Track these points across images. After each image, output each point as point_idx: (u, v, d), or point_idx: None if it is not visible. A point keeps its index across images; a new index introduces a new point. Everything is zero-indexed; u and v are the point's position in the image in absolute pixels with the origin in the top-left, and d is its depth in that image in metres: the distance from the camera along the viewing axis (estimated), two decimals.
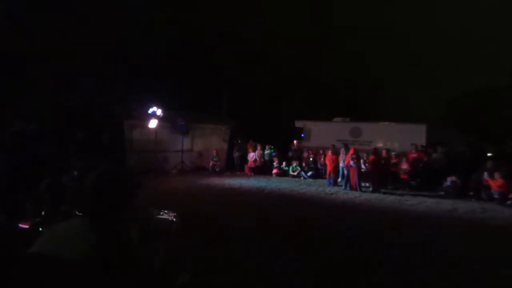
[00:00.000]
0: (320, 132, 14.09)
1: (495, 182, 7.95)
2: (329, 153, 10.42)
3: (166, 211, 2.23)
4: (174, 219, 2.17)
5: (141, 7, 17.00)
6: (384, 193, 8.75)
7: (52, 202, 3.33)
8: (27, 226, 2.13)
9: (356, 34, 26.63)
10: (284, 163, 12.49)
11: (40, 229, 1.98)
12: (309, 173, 11.72)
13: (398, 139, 12.50)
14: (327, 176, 10.54)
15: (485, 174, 8.16)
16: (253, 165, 12.69)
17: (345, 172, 9.79)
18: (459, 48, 23.55)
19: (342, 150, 10.69)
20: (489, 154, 13.73)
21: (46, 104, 8.93)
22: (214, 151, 13.00)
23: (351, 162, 9.10)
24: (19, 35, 10.51)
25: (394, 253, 4.05)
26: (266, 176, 11.83)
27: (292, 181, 10.98)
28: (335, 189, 9.32)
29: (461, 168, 9.10)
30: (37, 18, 11.48)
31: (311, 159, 12.29)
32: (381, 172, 9.42)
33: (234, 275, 3.27)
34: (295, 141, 13.98)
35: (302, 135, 14.18)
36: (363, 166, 9.23)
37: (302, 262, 3.63)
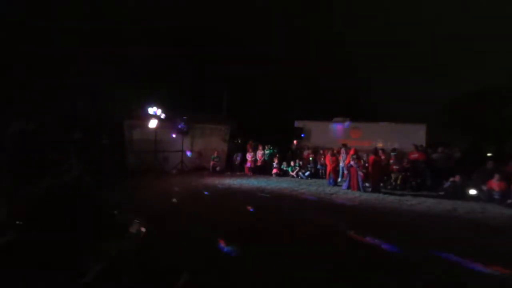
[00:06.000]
0: (320, 132, 14.11)
1: (495, 183, 7.96)
2: (329, 154, 10.43)
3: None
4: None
5: (141, 7, 17.00)
6: (384, 193, 8.74)
7: (51, 202, 3.34)
8: None
9: (356, 34, 26.60)
10: (284, 163, 12.51)
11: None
12: (307, 173, 11.72)
13: (398, 139, 12.51)
14: (327, 176, 10.54)
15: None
16: (252, 165, 12.71)
17: (346, 172, 9.79)
18: (459, 48, 23.54)
19: (342, 150, 10.71)
20: (489, 154, 13.74)
21: (46, 104, 8.94)
22: (215, 152, 13.04)
23: (352, 162, 9.10)
24: (19, 35, 10.51)
25: (394, 253, 4.05)
26: (266, 176, 11.84)
27: (292, 181, 10.98)
28: (335, 189, 9.31)
29: (461, 168, 9.11)
30: (37, 18, 11.48)
31: (310, 158, 12.31)
32: (380, 172, 9.42)
33: (234, 275, 3.26)
34: (295, 141, 14.01)
35: (302, 135, 14.20)
36: (363, 171, 9.19)
37: (301, 262, 3.63)
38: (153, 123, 10.95)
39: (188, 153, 12.46)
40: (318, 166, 12.12)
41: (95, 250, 2.46)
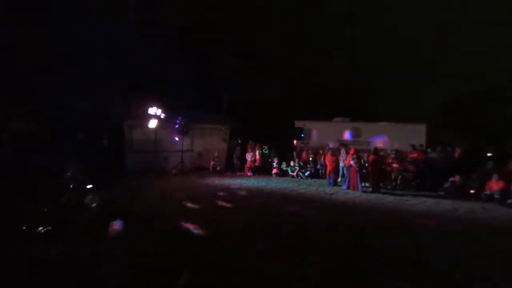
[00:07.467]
0: (320, 132, 14.11)
1: (495, 183, 7.97)
2: (329, 154, 10.43)
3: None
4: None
5: (141, 6, 17.00)
6: (384, 193, 8.75)
7: (51, 201, 3.34)
8: None
9: (356, 34, 26.58)
10: (284, 163, 12.51)
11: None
12: (307, 173, 11.72)
13: (398, 139, 12.52)
14: (327, 176, 10.54)
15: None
16: (252, 165, 12.71)
17: (345, 172, 9.79)
18: (459, 48, 23.55)
19: (342, 150, 10.70)
20: (489, 154, 13.75)
21: (46, 104, 8.93)
22: (216, 152, 13.04)
23: (352, 162, 9.09)
24: (19, 35, 10.50)
25: (394, 253, 4.05)
26: (266, 176, 11.84)
27: (292, 181, 10.97)
28: (335, 189, 9.31)
29: (461, 168, 9.11)
30: (36, 18, 11.48)
31: (310, 158, 12.30)
32: (380, 172, 9.43)
33: (234, 275, 3.26)
34: (295, 141, 14.00)
35: (302, 135, 14.19)
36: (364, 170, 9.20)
37: (301, 262, 3.63)
38: (153, 123, 10.95)
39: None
40: (318, 166, 12.12)
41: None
